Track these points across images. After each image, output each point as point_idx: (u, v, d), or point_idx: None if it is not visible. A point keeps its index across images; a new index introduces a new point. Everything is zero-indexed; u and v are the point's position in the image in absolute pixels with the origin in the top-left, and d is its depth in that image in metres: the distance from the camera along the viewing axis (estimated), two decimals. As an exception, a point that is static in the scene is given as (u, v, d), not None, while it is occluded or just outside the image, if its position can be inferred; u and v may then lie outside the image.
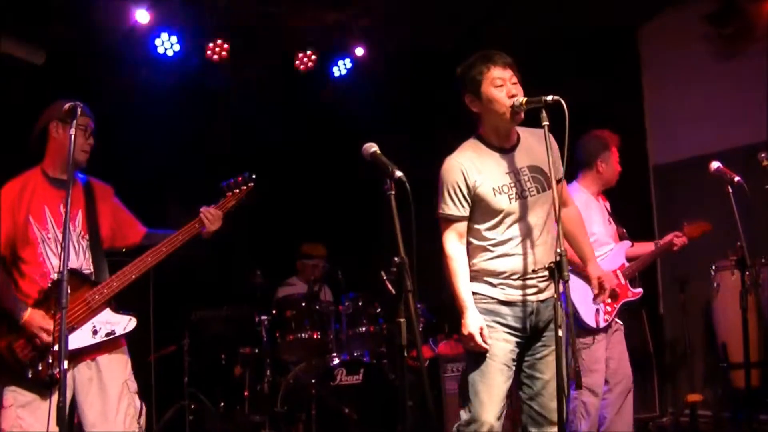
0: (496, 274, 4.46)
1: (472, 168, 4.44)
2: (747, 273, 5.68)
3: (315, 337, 7.33)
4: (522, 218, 4.45)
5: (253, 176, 5.03)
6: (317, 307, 7.44)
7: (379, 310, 7.49)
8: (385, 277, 7.18)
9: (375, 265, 6.77)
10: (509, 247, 4.45)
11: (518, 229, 4.44)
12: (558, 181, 4.53)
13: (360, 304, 7.47)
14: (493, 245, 4.46)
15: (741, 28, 8.21)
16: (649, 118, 9.29)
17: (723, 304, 7.61)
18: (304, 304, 7.46)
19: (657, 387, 8.49)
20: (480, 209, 4.46)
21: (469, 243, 4.55)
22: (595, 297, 4.86)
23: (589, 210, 6.11)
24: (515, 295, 4.45)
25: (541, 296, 4.49)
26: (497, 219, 4.44)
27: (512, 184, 4.45)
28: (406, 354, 3.84)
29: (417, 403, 5.41)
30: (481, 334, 4.33)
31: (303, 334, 7.35)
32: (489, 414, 4.40)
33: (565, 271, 3.99)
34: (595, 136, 6.30)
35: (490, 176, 4.44)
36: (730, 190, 5.52)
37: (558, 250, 4.01)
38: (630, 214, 6.64)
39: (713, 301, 7.78)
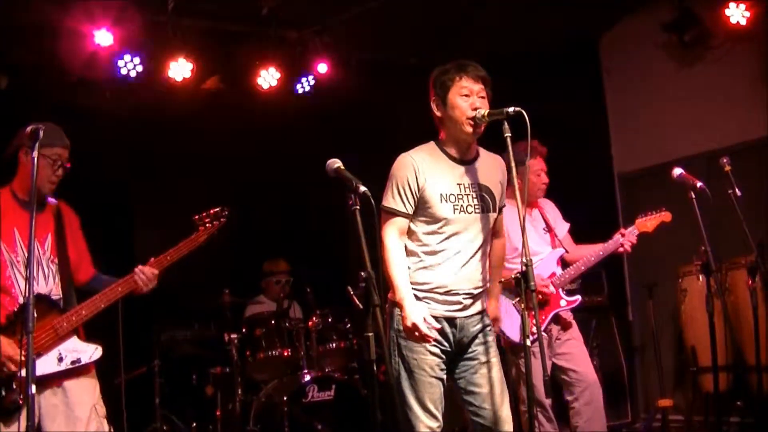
0: (422, 286, 4.45)
1: (425, 168, 4.44)
2: (712, 278, 5.73)
3: (285, 354, 7.32)
4: (460, 232, 4.46)
5: (226, 211, 4.96)
6: (287, 325, 7.42)
7: (349, 325, 7.49)
8: (352, 292, 7.19)
9: (343, 280, 6.78)
10: (441, 258, 4.45)
11: (454, 243, 4.45)
12: (500, 210, 4.66)
13: (330, 319, 7.47)
14: (427, 253, 4.46)
15: (699, 36, 8.30)
16: (613, 127, 9.38)
17: (690, 309, 7.68)
18: (273, 322, 7.44)
19: (628, 393, 8.53)
20: (422, 212, 4.45)
21: (405, 246, 4.53)
22: None
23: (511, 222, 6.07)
24: (439, 309, 4.44)
25: (466, 312, 4.50)
26: (437, 226, 4.44)
27: (459, 196, 4.46)
28: (376, 368, 3.85)
29: (389, 417, 5.41)
30: (426, 323, 4.26)
31: (273, 352, 7.33)
32: (425, 425, 4.40)
33: (531, 281, 3.99)
34: (513, 146, 6.22)
35: (440, 181, 4.44)
36: (693, 196, 5.56)
37: (524, 260, 4.02)
38: (596, 221, 6.69)
39: (681, 306, 7.85)
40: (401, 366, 4.44)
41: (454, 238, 4.45)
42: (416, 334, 4.26)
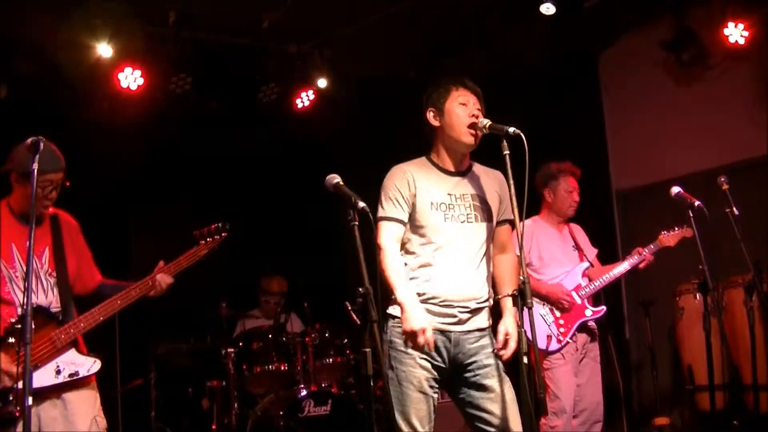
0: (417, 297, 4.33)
1: (416, 177, 4.44)
2: (709, 296, 5.73)
3: (282, 368, 7.30)
4: (453, 243, 4.39)
5: (227, 226, 4.96)
6: (284, 339, 7.39)
7: (346, 340, 7.47)
8: (349, 308, 7.15)
9: (341, 295, 6.76)
10: (435, 269, 4.37)
11: (447, 254, 4.38)
12: (502, 223, 4.58)
13: (327, 334, 7.44)
14: (421, 265, 4.40)
15: (697, 55, 8.32)
16: (611, 144, 9.38)
17: (687, 328, 7.66)
18: (270, 336, 7.43)
19: (624, 411, 8.52)
20: (414, 222, 4.41)
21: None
22: (499, 350, 4.37)
23: (533, 239, 6.24)
24: (433, 321, 4.28)
25: (462, 327, 4.38)
26: (428, 236, 4.39)
27: (450, 205, 4.42)
28: (372, 384, 3.84)
29: (385, 432, 5.39)
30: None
31: (270, 366, 7.31)
32: None
33: (528, 298, 3.99)
34: (544, 166, 6.40)
35: (431, 190, 4.43)
36: (691, 215, 5.56)
37: (521, 277, 4.01)
38: (594, 239, 6.69)
39: (677, 324, 7.84)
40: (390, 378, 4.36)
41: (447, 249, 4.38)
42: (419, 339, 4.10)
